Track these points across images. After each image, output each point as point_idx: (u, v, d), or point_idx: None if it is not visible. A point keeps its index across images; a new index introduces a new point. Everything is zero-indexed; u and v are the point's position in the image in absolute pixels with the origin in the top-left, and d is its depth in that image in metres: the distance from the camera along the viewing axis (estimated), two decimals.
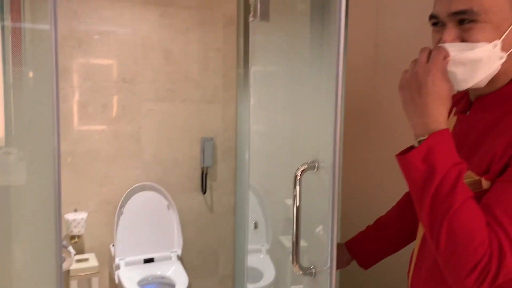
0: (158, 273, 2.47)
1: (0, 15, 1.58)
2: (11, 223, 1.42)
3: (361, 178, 2.00)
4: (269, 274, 2.39)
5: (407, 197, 1.33)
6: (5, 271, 1.39)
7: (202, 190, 2.87)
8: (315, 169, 1.23)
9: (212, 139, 2.86)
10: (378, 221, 1.35)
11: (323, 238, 1.25)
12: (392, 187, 1.81)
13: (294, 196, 1.23)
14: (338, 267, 1.31)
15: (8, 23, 1.58)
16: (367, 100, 1.98)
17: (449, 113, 0.94)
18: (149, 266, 2.51)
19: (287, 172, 1.61)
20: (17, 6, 1.55)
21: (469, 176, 0.85)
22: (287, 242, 1.91)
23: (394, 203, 1.82)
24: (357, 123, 2.01)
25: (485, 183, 0.83)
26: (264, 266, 2.49)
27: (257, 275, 2.44)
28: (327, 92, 1.23)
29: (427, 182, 0.79)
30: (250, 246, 2.57)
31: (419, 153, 0.81)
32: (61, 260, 1.43)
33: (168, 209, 2.68)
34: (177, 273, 2.46)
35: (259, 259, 2.64)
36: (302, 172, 1.21)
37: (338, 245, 1.37)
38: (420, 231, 1.05)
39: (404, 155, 0.84)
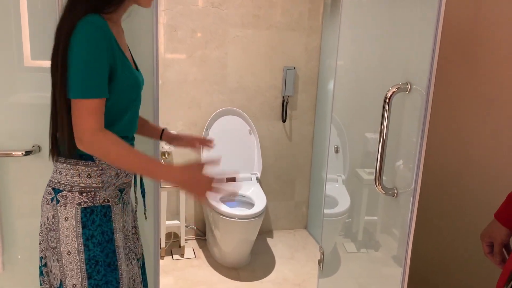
0: (239, 192, 2.65)
1: None
2: None
3: (451, 108, 1.92)
4: (344, 202, 2.44)
5: None
6: None
7: (282, 119, 2.93)
8: (407, 91, 1.20)
9: (294, 68, 2.86)
10: None
11: (408, 161, 1.25)
12: (484, 125, 1.72)
13: (382, 119, 1.23)
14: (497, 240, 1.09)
15: None
16: (467, 29, 1.83)
17: None
18: (231, 185, 2.70)
19: (369, 104, 1.58)
20: None
21: None
22: (365, 174, 1.92)
23: (484, 142, 1.73)
24: (453, 52, 1.89)
25: None
26: (340, 194, 2.55)
27: (332, 202, 2.51)
28: (424, 16, 1.17)
29: None
30: (327, 175, 2.62)
31: None
32: None
33: (250, 134, 2.80)
34: (256, 194, 2.61)
35: (334, 188, 2.69)
36: (393, 93, 1.20)
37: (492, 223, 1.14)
38: None
39: None
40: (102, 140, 1.00)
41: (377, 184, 1.25)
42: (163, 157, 2.71)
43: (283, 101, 2.90)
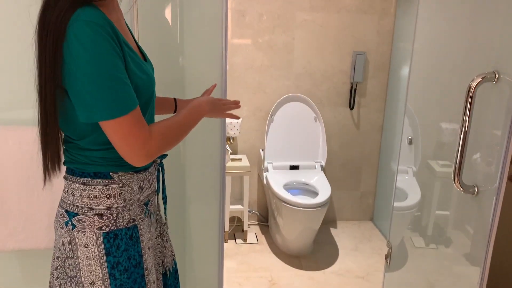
0: (303, 180, 2.62)
1: None
2: None
3: None
4: (415, 195, 2.32)
5: None
6: (179, 162, 1.63)
7: (350, 106, 2.83)
8: (494, 81, 1.09)
9: (364, 53, 2.74)
10: None
11: (487, 156, 1.15)
12: None
13: (465, 111, 1.13)
14: None
15: None
16: None
17: None
18: (294, 173, 2.67)
19: (447, 92, 1.47)
20: None
21: None
22: (437, 166, 1.80)
23: None
24: None
25: None
26: (410, 187, 2.43)
27: (402, 195, 2.40)
28: None
29: None
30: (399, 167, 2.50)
31: None
32: (224, 155, 1.60)
33: (315, 121, 2.74)
34: (320, 182, 2.56)
35: (404, 180, 2.57)
36: (478, 83, 1.09)
37: None
38: None
39: None
40: (156, 143, 0.89)
41: (455, 180, 1.16)
42: (228, 142, 2.74)
43: (351, 87, 2.80)
